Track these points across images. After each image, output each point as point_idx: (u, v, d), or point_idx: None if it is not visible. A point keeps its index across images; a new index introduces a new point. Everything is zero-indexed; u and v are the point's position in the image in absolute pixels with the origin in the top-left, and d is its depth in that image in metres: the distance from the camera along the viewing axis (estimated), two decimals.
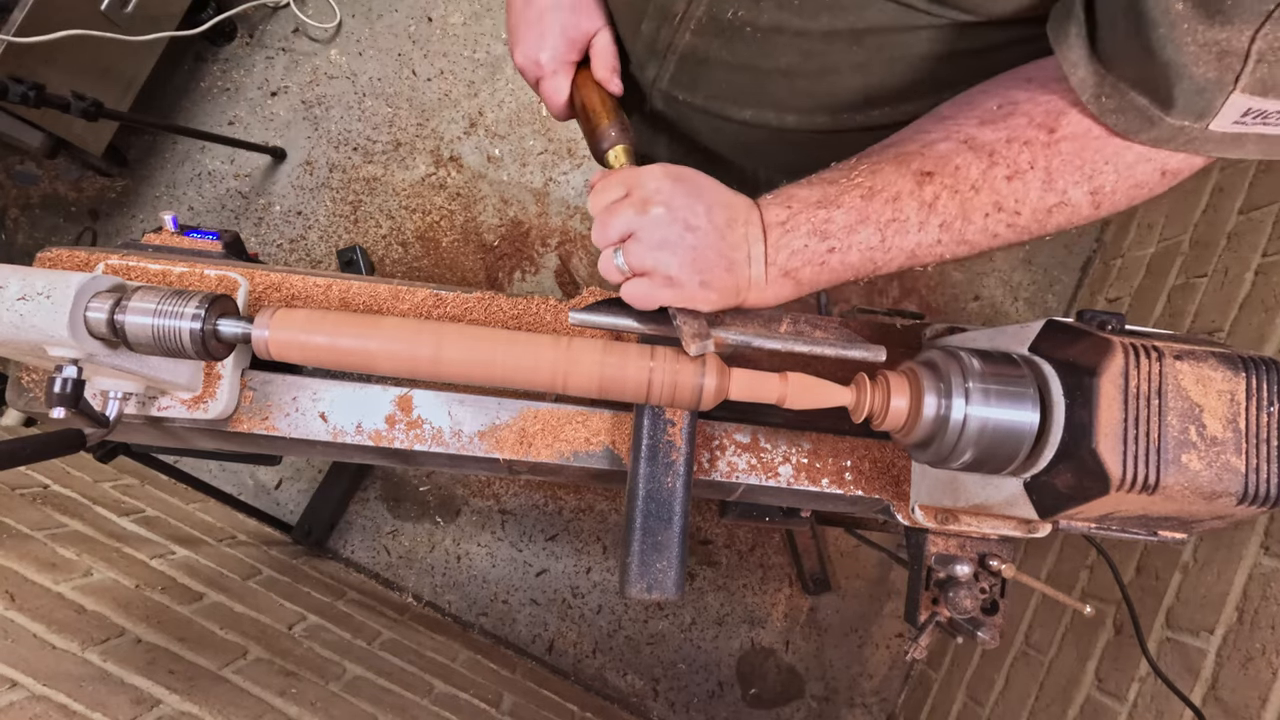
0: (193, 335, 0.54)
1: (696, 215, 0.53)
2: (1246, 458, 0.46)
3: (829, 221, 0.54)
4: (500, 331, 0.58)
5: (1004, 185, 0.52)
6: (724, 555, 1.90)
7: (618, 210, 0.54)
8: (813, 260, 0.55)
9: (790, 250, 0.55)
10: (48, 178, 1.93)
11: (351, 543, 1.85)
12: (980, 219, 0.53)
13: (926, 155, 0.53)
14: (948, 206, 0.53)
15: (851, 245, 0.54)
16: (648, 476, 0.61)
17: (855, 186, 0.54)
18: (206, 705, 0.88)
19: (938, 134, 0.54)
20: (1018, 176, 0.52)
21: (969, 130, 0.53)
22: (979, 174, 0.52)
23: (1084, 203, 0.53)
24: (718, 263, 0.54)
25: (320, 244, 1.95)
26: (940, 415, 0.53)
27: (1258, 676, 1.06)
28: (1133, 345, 0.47)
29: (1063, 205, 0.53)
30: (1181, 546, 1.27)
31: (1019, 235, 0.55)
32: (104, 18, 1.57)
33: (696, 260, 0.53)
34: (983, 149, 0.52)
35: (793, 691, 1.86)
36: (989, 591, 0.66)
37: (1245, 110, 0.44)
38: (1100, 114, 0.49)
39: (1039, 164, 0.51)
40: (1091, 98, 0.49)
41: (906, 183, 0.53)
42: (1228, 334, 1.44)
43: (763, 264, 0.55)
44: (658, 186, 0.54)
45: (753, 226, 0.55)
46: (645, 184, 0.54)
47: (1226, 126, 0.46)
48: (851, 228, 0.54)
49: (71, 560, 1.06)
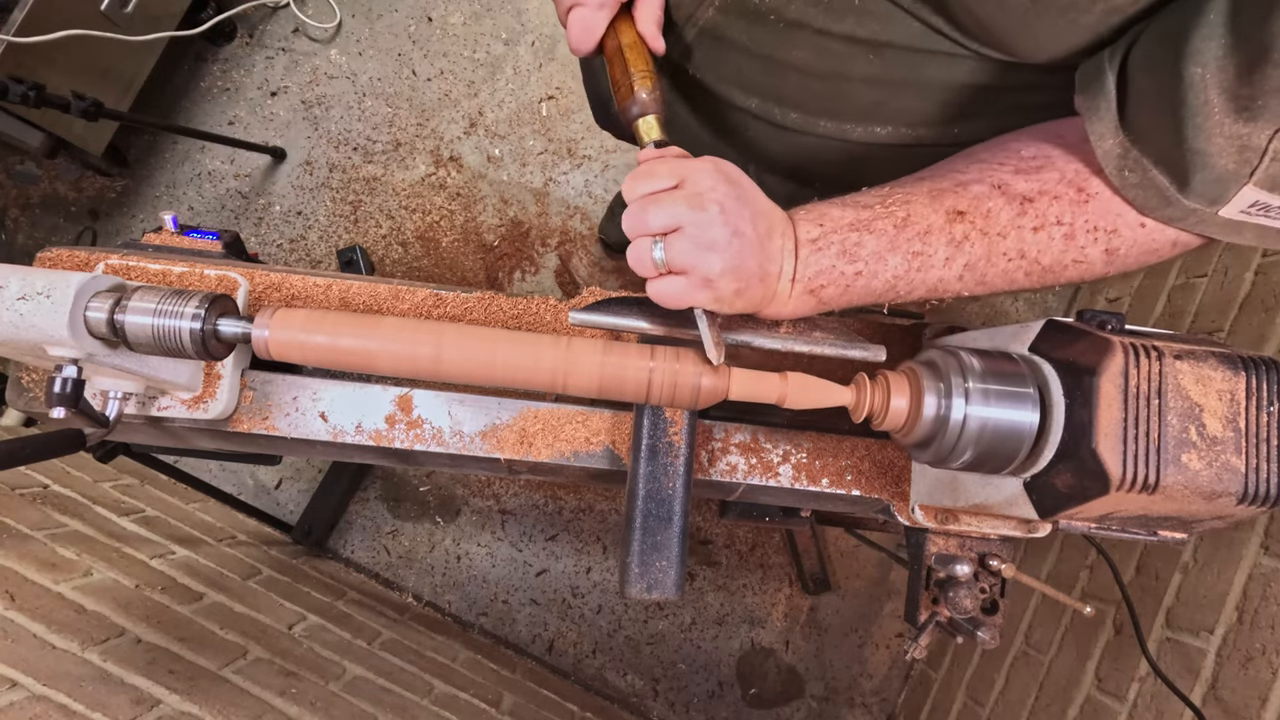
0: (193, 335, 0.54)
1: (744, 221, 0.52)
2: (1246, 457, 0.46)
3: (859, 245, 0.54)
4: (500, 331, 0.58)
5: (1030, 235, 0.53)
6: (724, 555, 1.90)
7: (665, 201, 0.52)
8: (837, 281, 0.55)
9: (818, 269, 0.55)
10: (48, 178, 1.93)
11: (351, 543, 1.85)
12: (1003, 263, 0.54)
13: (960, 195, 0.54)
14: (975, 247, 0.54)
15: (878, 272, 0.55)
16: (648, 476, 0.61)
17: (889, 215, 0.54)
18: (206, 705, 0.88)
19: (972, 175, 0.55)
20: (1044, 229, 0.53)
21: (1003, 176, 0.54)
22: (1008, 221, 0.53)
23: (1098, 260, 0.54)
24: (755, 272, 0.53)
25: (320, 244, 1.95)
26: (940, 415, 0.53)
27: (1258, 676, 1.06)
28: (1133, 345, 0.47)
29: (1079, 262, 0.54)
30: (1181, 546, 1.27)
31: (1034, 283, 0.56)
32: (104, 18, 1.57)
33: (739, 267, 0.52)
34: (1015, 197, 0.53)
35: (793, 691, 1.86)
36: (989, 591, 0.66)
37: (1253, 202, 0.46)
38: (1122, 187, 0.50)
39: (1065, 220, 0.53)
40: (1115, 170, 0.50)
41: (938, 218, 0.54)
42: (1228, 334, 1.44)
43: (790, 279, 0.55)
44: (713, 185, 0.53)
45: (788, 240, 0.55)
46: (700, 179, 0.53)
47: (1233, 214, 0.48)
48: (880, 255, 0.54)
49: (71, 560, 1.06)
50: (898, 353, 0.74)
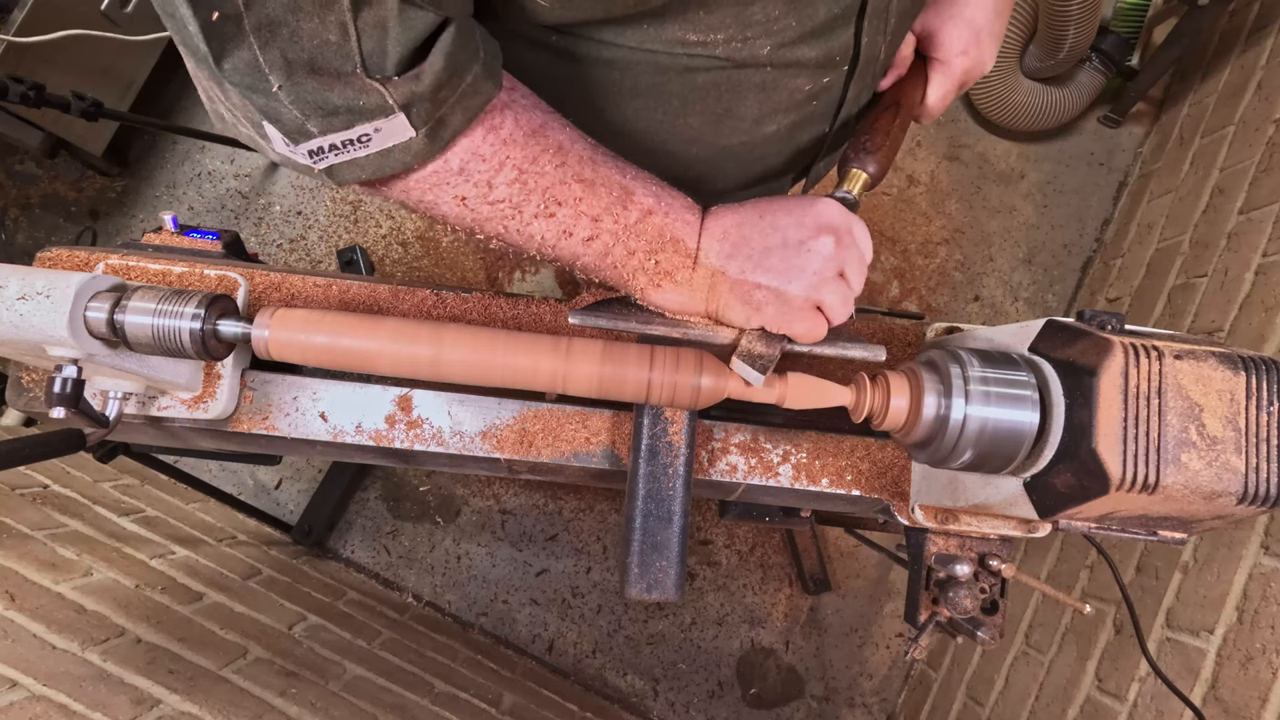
0: (192, 335, 0.54)
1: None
2: (1246, 457, 0.46)
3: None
4: (500, 332, 0.58)
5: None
6: (724, 555, 1.90)
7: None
8: None
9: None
10: (48, 178, 1.93)
11: (351, 543, 1.85)
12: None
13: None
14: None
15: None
16: (648, 476, 0.61)
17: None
18: (206, 705, 0.88)
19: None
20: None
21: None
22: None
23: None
24: None
25: (320, 244, 1.95)
26: (940, 415, 0.53)
27: (1258, 676, 1.06)
28: (1133, 345, 0.47)
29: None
30: (1181, 546, 1.27)
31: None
32: (104, 18, 1.57)
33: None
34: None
35: (793, 691, 1.86)
36: (989, 591, 0.66)
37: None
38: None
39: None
40: None
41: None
42: (1228, 334, 1.44)
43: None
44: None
45: None
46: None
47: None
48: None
49: (71, 560, 1.06)
50: (898, 353, 0.74)
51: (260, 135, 0.46)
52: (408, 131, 0.46)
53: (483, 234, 0.55)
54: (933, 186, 2.09)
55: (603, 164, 0.55)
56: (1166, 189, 1.88)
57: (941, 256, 2.06)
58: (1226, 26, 1.91)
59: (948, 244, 2.07)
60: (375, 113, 0.44)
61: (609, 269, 0.57)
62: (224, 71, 0.41)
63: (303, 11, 0.39)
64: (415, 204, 0.53)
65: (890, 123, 0.63)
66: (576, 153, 0.53)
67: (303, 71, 0.41)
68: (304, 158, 0.46)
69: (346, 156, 0.46)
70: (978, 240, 2.07)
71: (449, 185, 0.51)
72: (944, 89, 0.68)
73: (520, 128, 0.51)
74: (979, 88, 1.99)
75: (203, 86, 0.45)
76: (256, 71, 0.41)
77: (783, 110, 0.63)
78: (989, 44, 0.68)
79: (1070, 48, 1.81)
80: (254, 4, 0.38)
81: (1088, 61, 1.94)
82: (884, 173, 0.62)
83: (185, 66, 0.44)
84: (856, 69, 0.61)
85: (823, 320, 0.56)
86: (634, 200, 0.55)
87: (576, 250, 0.55)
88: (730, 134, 0.64)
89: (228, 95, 0.43)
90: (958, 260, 2.06)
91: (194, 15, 0.38)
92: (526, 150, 0.51)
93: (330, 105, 0.43)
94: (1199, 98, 1.92)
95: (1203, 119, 1.85)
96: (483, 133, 0.49)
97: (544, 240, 0.54)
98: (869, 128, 0.63)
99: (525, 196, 0.52)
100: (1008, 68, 1.95)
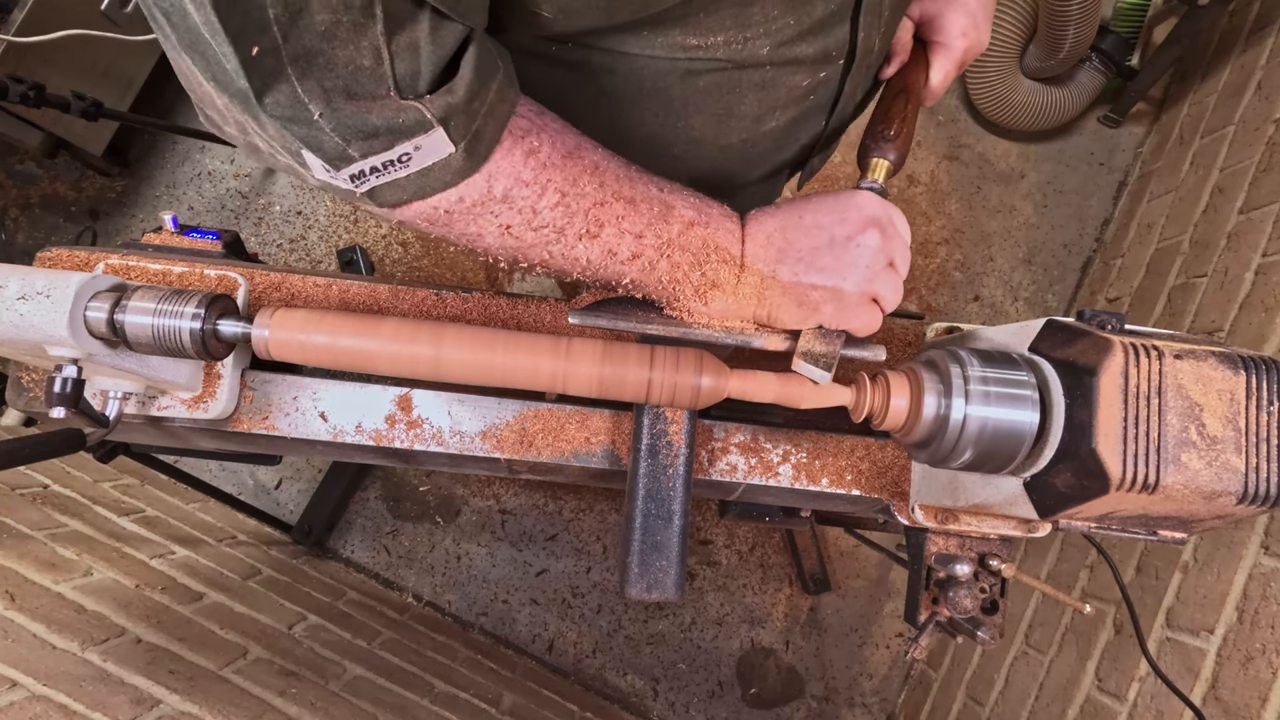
0: (192, 335, 0.54)
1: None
2: (1246, 457, 0.46)
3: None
4: (500, 332, 0.58)
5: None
6: (724, 555, 1.90)
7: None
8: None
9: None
10: (48, 178, 1.93)
11: (351, 543, 1.85)
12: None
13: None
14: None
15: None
16: (648, 476, 0.61)
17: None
18: (206, 705, 0.88)
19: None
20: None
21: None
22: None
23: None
24: None
25: (320, 244, 1.95)
26: (940, 415, 0.53)
27: (1258, 676, 1.06)
28: (1133, 345, 0.47)
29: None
30: (1181, 546, 1.27)
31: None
32: (104, 18, 1.57)
33: None
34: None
35: (793, 691, 1.86)
36: (989, 591, 0.66)
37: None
38: None
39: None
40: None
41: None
42: (1228, 334, 1.44)
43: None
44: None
45: None
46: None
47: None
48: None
49: (71, 560, 1.06)
50: (898, 353, 0.74)
51: (299, 164, 0.45)
52: (447, 147, 0.45)
53: (525, 261, 0.55)
54: (933, 186, 2.09)
55: (639, 180, 0.55)
56: (1166, 189, 1.88)
57: (941, 256, 2.06)
58: (1226, 26, 1.91)
59: (948, 244, 2.07)
60: (415, 129, 0.44)
61: (654, 284, 0.57)
62: (264, 106, 0.40)
63: (337, 39, 0.39)
64: (459, 236, 0.52)
65: (903, 109, 0.64)
66: (613, 171, 0.53)
67: (340, 98, 0.41)
68: (345, 182, 0.46)
69: (388, 178, 0.46)
70: (978, 240, 2.07)
71: (494, 215, 0.50)
72: (946, 70, 0.70)
73: (556, 150, 0.51)
74: (979, 88, 1.99)
75: (234, 120, 0.44)
76: (297, 103, 0.40)
77: (781, 106, 0.63)
78: (985, 23, 0.70)
79: (1070, 48, 1.81)
80: (291, 36, 0.38)
81: (1088, 61, 1.94)
82: (904, 158, 0.63)
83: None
84: (853, 63, 0.62)
85: (879, 311, 0.57)
86: (674, 213, 0.55)
87: (621, 269, 0.55)
88: (731, 133, 0.65)
89: (264, 128, 0.43)
90: (958, 260, 2.06)
91: (235, 52, 0.37)
92: (566, 172, 0.51)
93: (370, 127, 0.42)
94: (1199, 98, 1.92)
95: (1203, 119, 1.85)
96: (522, 157, 0.49)
97: (589, 263, 0.54)
98: (883, 116, 0.64)
99: (569, 220, 0.52)
100: (1008, 68, 1.95)
